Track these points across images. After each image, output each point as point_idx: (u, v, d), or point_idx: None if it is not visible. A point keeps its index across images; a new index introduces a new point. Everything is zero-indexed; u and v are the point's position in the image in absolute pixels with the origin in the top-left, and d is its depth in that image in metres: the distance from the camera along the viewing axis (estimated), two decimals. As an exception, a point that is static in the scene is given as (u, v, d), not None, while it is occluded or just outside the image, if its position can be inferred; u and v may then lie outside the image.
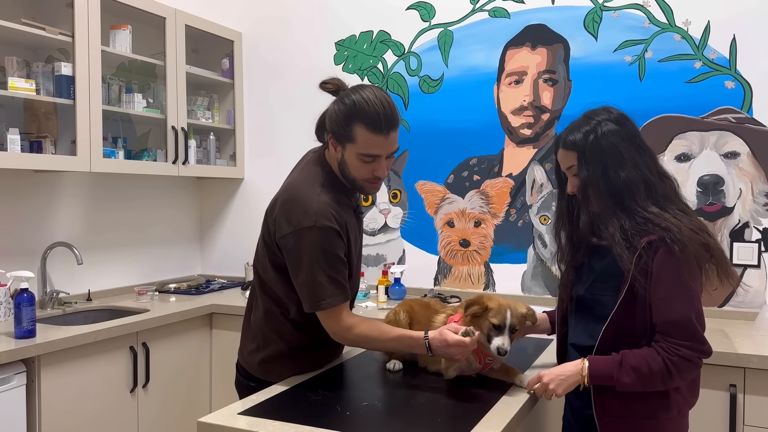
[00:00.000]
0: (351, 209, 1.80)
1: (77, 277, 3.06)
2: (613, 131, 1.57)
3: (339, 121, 1.64)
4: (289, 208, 1.67)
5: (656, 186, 1.56)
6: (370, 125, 1.61)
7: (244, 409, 1.50)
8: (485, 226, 3.12)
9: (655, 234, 1.48)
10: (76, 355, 2.40)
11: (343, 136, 1.65)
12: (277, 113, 3.62)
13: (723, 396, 2.13)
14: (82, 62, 2.71)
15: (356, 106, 1.61)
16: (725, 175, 2.65)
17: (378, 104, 1.60)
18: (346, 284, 1.70)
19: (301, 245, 1.64)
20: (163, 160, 3.21)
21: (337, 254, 1.66)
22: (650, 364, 1.47)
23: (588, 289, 1.63)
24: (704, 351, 1.49)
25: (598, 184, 1.55)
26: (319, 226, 1.62)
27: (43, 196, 2.93)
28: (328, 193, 1.69)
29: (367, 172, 1.69)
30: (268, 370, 1.79)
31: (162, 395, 2.81)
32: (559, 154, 1.66)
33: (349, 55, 3.40)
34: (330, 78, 1.72)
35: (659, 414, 1.54)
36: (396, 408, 1.53)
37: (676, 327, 1.47)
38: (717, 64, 2.66)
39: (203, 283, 3.51)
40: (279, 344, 1.79)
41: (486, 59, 3.09)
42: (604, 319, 1.56)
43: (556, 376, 1.55)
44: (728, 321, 2.58)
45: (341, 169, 1.72)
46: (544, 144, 2.99)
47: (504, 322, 1.61)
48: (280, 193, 1.76)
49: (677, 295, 1.47)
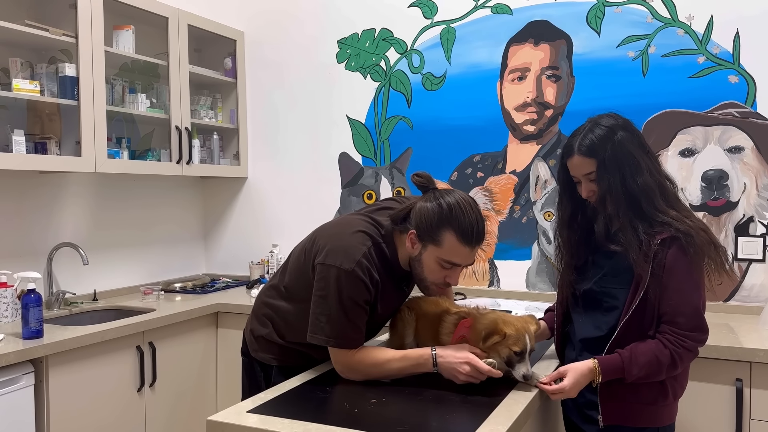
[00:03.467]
0: (394, 284, 1.78)
1: (83, 277, 3.07)
2: (628, 139, 1.63)
3: (430, 221, 1.63)
4: (336, 240, 1.69)
5: (668, 189, 1.64)
6: (462, 235, 1.61)
7: (254, 407, 1.50)
8: (489, 222, 3.12)
9: (668, 232, 1.55)
10: (84, 355, 2.41)
11: (429, 237, 1.64)
12: (280, 112, 3.62)
13: (729, 390, 2.13)
14: (85, 63, 2.71)
15: (452, 212, 1.61)
16: (729, 170, 2.65)
17: (473, 216, 1.62)
18: (363, 330, 1.70)
19: (330, 281, 1.64)
20: (167, 159, 3.21)
21: (360, 304, 1.67)
22: (660, 357, 1.55)
23: (597, 283, 1.69)
24: (704, 340, 1.59)
25: (618, 192, 1.60)
26: (355, 274, 1.63)
27: (49, 197, 2.94)
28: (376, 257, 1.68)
29: (441, 277, 1.70)
30: (256, 348, 1.91)
31: (169, 394, 2.82)
32: (575, 160, 1.67)
33: (351, 53, 3.41)
34: (420, 172, 1.73)
35: (659, 400, 1.63)
36: (403, 405, 1.53)
37: (685, 317, 1.56)
38: (720, 58, 2.66)
39: (208, 283, 3.52)
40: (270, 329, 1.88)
41: (489, 56, 3.09)
42: (612, 310, 1.65)
43: (576, 383, 1.58)
44: (734, 315, 2.58)
45: (412, 265, 1.73)
46: (547, 140, 2.99)
47: (525, 347, 1.62)
48: (335, 225, 1.81)
49: (689, 288, 1.57)
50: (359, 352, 1.69)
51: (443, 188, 1.71)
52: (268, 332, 1.89)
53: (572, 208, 1.76)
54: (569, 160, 1.69)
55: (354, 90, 3.40)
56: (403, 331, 1.82)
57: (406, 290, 1.89)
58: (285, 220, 3.59)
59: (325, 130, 3.51)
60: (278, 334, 1.88)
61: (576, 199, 1.73)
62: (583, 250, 1.73)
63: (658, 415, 1.65)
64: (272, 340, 1.89)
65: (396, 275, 1.76)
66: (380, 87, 3.34)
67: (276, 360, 1.89)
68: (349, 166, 3.44)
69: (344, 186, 3.46)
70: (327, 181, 3.49)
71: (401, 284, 1.82)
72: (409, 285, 1.87)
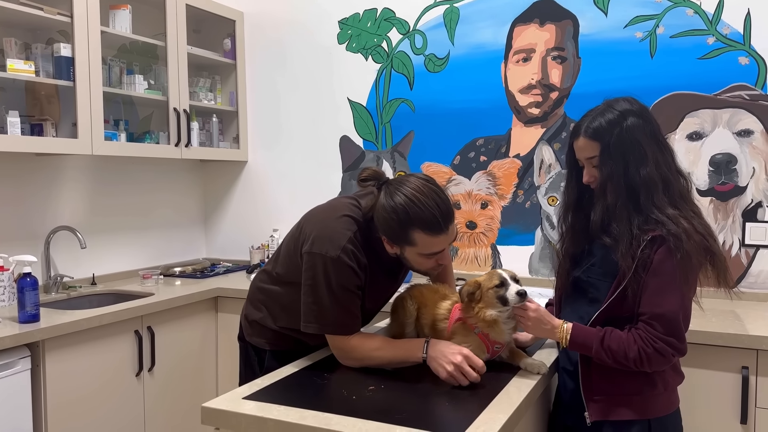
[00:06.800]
0: (383, 268, 1.76)
1: (81, 261, 3.04)
2: (639, 126, 1.55)
3: (393, 229, 1.57)
4: (322, 227, 1.66)
5: (674, 185, 1.55)
6: (429, 229, 1.54)
7: (250, 393, 1.47)
8: (492, 207, 3.08)
9: (659, 231, 1.48)
10: (81, 339, 2.39)
11: (400, 240, 1.59)
12: (281, 94, 3.57)
13: (735, 378, 2.09)
14: (81, 43, 2.66)
15: (409, 212, 1.53)
16: (738, 154, 2.59)
17: (431, 203, 1.53)
18: (358, 315, 1.68)
19: (318, 269, 1.62)
20: (165, 142, 3.17)
21: (350, 289, 1.64)
22: (626, 350, 1.50)
23: (585, 272, 1.65)
24: (680, 349, 1.50)
25: (619, 180, 1.54)
26: (341, 261, 1.60)
27: (45, 180, 2.90)
28: (361, 241, 1.65)
29: (430, 265, 1.67)
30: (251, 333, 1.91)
31: (168, 379, 2.80)
32: (580, 141, 1.62)
33: (352, 33, 3.34)
34: (363, 171, 1.67)
35: (645, 390, 1.57)
36: (402, 392, 1.50)
37: (662, 320, 1.48)
38: (731, 39, 2.59)
39: (208, 267, 3.49)
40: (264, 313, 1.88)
41: (493, 36, 3.02)
42: (595, 302, 1.60)
43: (541, 317, 1.57)
44: (740, 302, 2.53)
45: (400, 258, 1.68)
46: (552, 123, 2.94)
47: (502, 277, 1.60)
48: (321, 211, 1.76)
49: (670, 291, 1.48)
50: (355, 339, 1.66)
51: (395, 178, 1.63)
52: (262, 317, 1.88)
53: (578, 193, 1.70)
54: (575, 142, 1.64)
55: (355, 72, 3.34)
56: (404, 319, 1.78)
57: (398, 274, 1.86)
58: (285, 204, 3.54)
59: (326, 112, 3.45)
60: (272, 319, 1.86)
61: (583, 184, 1.68)
62: (583, 238, 1.68)
63: (649, 405, 1.57)
64: (266, 325, 1.87)
65: (384, 259, 1.72)
66: (382, 69, 3.28)
67: (269, 344, 1.87)
68: (350, 149, 3.39)
69: (345, 170, 3.41)
70: (328, 165, 3.44)
71: (392, 267, 1.79)
72: (401, 268, 1.84)
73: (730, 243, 2.62)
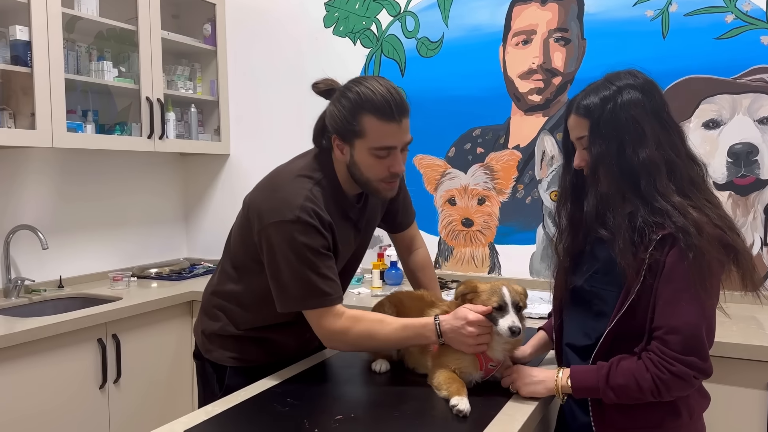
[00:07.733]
0: (349, 223, 1.61)
1: (46, 262, 2.82)
2: (636, 101, 1.32)
3: (343, 117, 1.49)
4: (269, 198, 1.50)
5: (681, 169, 1.31)
6: (380, 113, 1.45)
7: (192, 426, 1.25)
8: (490, 203, 2.86)
9: (669, 227, 1.25)
10: (36, 349, 2.17)
11: (350, 132, 1.49)
12: (264, 82, 3.34)
13: (760, 395, 1.87)
14: (39, 25, 2.44)
15: (361, 97, 1.46)
16: (760, 144, 2.37)
17: (385, 91, 1.47)
18: (337, 280, 1.50)
19: (278, 239, 1.45)
20: (138, 134, 2.95)
21: (319, 250, 1.47)
22: (639, 382, 1.27)
23: (588, 281, 1.41)
24: (703, 370, 1.26)
25: (611, 163, 1.31)
26: (302, 220, 1.44)
27: (4, 175, 2.68)
28: (320, 196, 1.52)
29: (383, 169, 1.52)
30: (209, 349, 1.70)
31: (137, 391, 2.58)
32: (571, 119, 1.41)
33: (340, 16, 3.11)
34: (321, 79, 1.59)
35: (667, 422, 1.33)
36: (376, 423, 1.28)
37: (679, 336, 1.24)
38: (752, 17, 2.36)
39: (186, 268, 3.27)
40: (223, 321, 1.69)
41: (491, 17, 2.79)
42: (601, 316, 1.36)
43: (527, 377, 1.42)
44: (762, 307, 2.29)
45: (352, 172, 1.55)
46: (555, 111, 2.71)
47: (504, 299, 1.41)
48: (263, 184, 1.61)
49: (685, 300, 1.24)
50: (345, 318, 1.48)
51: (351, 80, 1.54)
52: (221, 326, 1.68)
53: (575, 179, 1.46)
54: (568, 120, 1.42)
55: (343, 57, 3.12)
56: None
57: (361, 229, 1.69)
58: (270, 200, 3.32)
59: (313, 101, 3.19)
60: (233, 324, 1.67)
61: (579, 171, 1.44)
62: (582, 234, 1.43)
63: None
64: (227, 334, 1.67)
65: (347, 210, 1.60)
66: (371, 54, 3.05)
67: (233, 359, 1.67)
68: (338, 141, 3.16)
69: (333, 163, 3.19)
70: (314, 157, 3.22)
71: (356, 221, 1.65)
72: (363, 219, 1.68)
73: (751, 242, 2.39)
